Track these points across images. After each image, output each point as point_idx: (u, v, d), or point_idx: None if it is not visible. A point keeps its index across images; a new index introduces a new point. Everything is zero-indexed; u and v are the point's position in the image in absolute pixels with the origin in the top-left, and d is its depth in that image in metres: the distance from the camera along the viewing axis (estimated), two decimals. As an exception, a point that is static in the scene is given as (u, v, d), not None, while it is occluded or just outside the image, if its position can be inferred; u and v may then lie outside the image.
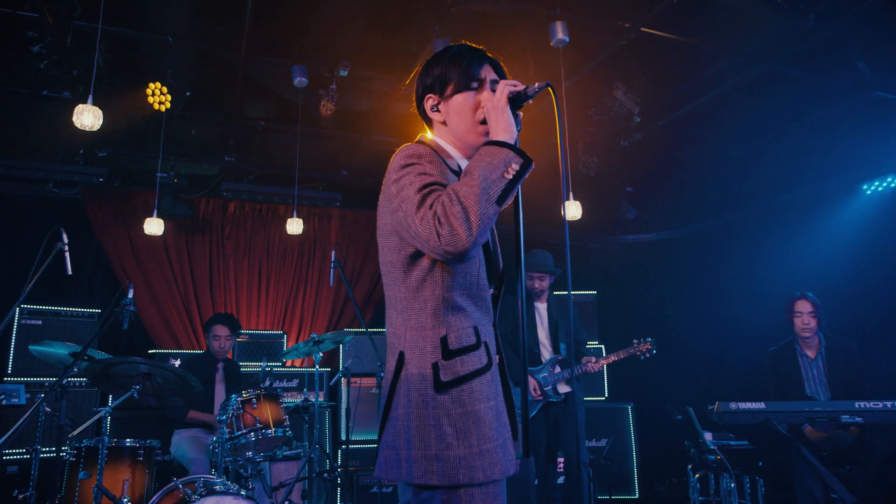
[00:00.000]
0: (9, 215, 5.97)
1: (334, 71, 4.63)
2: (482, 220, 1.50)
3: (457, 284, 1.67)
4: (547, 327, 4.73)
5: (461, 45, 1.89)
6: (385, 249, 1.72)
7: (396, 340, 1.69)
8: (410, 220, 1.54)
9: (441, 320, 1.65)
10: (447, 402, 1.60)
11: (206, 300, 6.63)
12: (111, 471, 3.88)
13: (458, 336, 1.66)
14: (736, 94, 5.11)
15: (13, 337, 4.95)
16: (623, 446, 6.12)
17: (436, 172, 1.62)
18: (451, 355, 1.63)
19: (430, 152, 1.68)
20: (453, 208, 1.49)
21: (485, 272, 1.77)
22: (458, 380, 1.62)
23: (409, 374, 1.63)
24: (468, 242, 1.48)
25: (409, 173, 1.62)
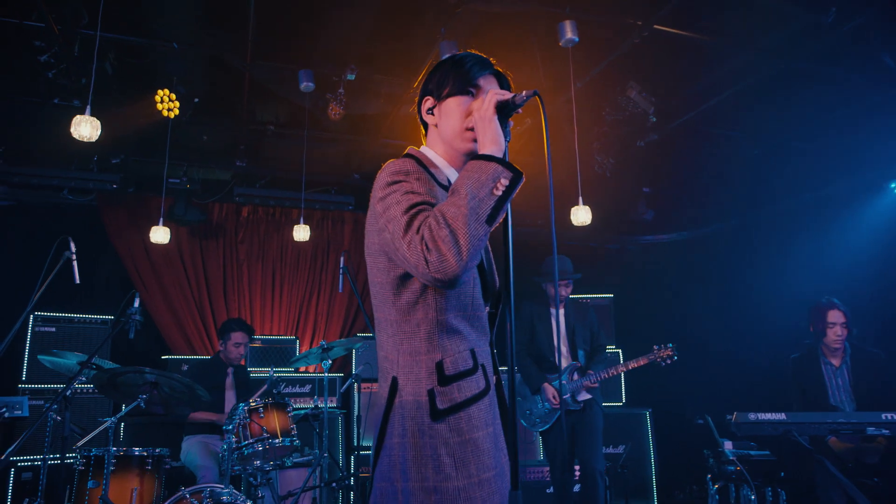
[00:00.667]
0: (26, 223, 6.03)
1: (341, 75, 4.58)
2: (472, 242, 1.41)
3: (451, 306, 1.59)
4: (565, 334, 4.60)
5: (470, 52, 1.81)
6: (374, 270, 1.64)
7: (388, 365, 1.61)
8: (398, 243, 1.47)
9: (436, 344, 1.57)
10: (444, 430, 1.52)
11: (220, 305, 6.64)
12: (120, 480, 3.88)
13: (454, 361, 1.57)
14: (755, 92, 4.95)
15: (27, 344, 4.99)
16: (641, 453, 5.99)
17: (423, 190, 1.54)
18: (448, 381, 1.55)
19: (418, 168, 1.60)
20: (441, 232, 1.40)
21: (480, 291, 1.68)
22: (455, 407, 1.54)
23: (403, 401, 1.55)
24: (458, 268, 1.40)
25: (396, 191, 1.53)
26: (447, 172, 1.74)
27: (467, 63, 1.73)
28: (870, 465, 3.82)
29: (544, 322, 4.61)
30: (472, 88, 1.71)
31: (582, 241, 7.30)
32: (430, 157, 1.75)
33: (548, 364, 4.52)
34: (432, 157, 1.75)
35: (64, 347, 5.06)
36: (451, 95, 1.71)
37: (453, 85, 1.71)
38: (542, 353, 4.55)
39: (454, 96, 1.71)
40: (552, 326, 4.61)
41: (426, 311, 1.57)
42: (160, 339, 6.33)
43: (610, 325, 6.49)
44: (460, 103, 1.71)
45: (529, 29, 4.14)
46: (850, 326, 4.22)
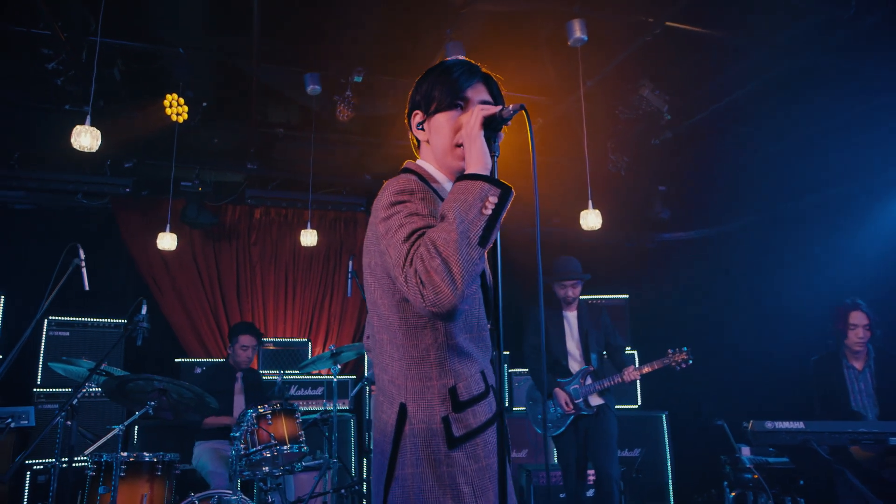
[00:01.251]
0: (44, 226, 6.10)
1: (348, 77, 4.54)
2: (466, 269, 1.35)
3: (458, 328, 1.54)
4: (577, 337, 4.50)
5: (456, 60, 1.75)
6: (377, 290, 1.58)
7: (395, 390, 1.55)
8: (397, 272, 1.41)
9: (447, 369, 1.52)
10: (462, 458, 1.47)
11: (234, 307, 6.66)
12: (130, 485, 3.89)
13: (467, 385, 1.52)
14: (773, 88, 4.81)
15: (41, 349, 5.05)
16: (657, 457, 5.89)
17: (427, 211, 1.48)
18: (462, 407, 1.50)
19: (422, 186, 1.54)
20: (433, 262, 1.34)
21: (483, 309, 1.63)
22: (471, 433, 1.49)
23: (414, 429, 1.49)
24: (455, 298, 1.34)
25: (399, 213, 1.48)
26: (447, 187, 1.68)
27: (454, 73, 1.66)
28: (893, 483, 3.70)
29: (556, 325, 4.53)
30: (461, 101, 1.65)
31: (598, 238, 7.17)
32: (429, 171, 1.70)
33: (560, 368, 4.45)
34: (432, 172, 1.70)
35: (78, 352, 5.11)
36: (440, 111, 1.66)
37: (441, 99, 1.65)
38: (553, 356, 4.47)
39: (442, 111, 1.65)
40: (564, 329, 4.54)
41: (435, 334, 1.52)
42: (175, 341, 6.36)
43: (625, 326, 6.38)
44: (449, 118, 1.65)
45: (537, 28, 4.06)
46: (874, 329, 4.09)
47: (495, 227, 1.41)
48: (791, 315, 5.83)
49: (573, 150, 5.63)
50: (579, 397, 4.29)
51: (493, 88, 1.74)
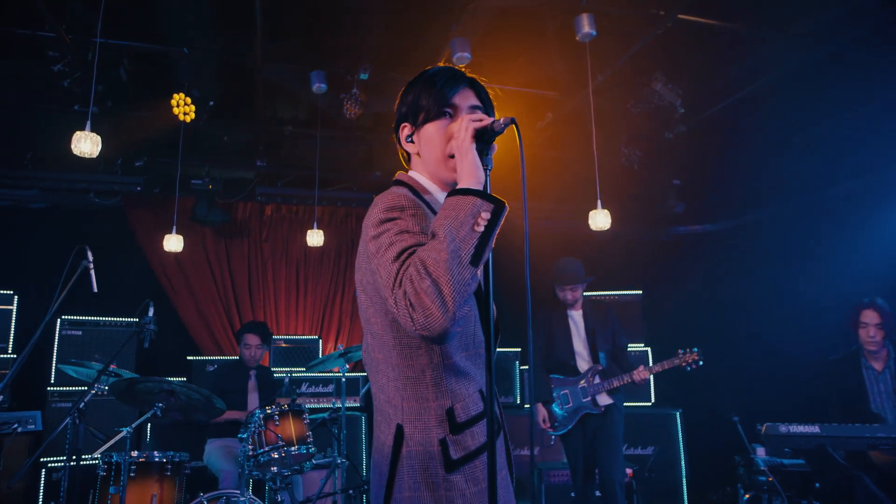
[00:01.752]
0: (58, 224, 6.14)
1: (354, 74, 4.49)
2: (457, 290, 1.29)
3: (455, 347, 1.49)
4: (584, 337, 4.46)
5: (440, 67, 1.69)
6: (370, 309, 1.54)
7: (392, 410, 1.51)
8: (387, 293, 1.36)
9: (444, 390, 1.47)
10: (460, 481, 1.43)
11: (246, 305, 6.68)
12: (139, 485, 3.91)
13: (464, 406, 1.48)
14: (792, 79, 4.67)
15: (54, 348, 5.10)
16: (671, 455, 5.81)
17: (418, 229, 1.43)
18: (460, 429, 1.46)
19: (414, 202, 1.48)
20: (422, 283, 1.29)
21: (480, 327, 1.58)
22: (469, 455, 1.45)
23: (411, 451, 1.45)
24: (445, 322, 1.28)
25: (389, 230, 1.43)
26: (440, 198, 1.63)
27: (438, 81, 1.60)
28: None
29: (561, 325, 4.49)
30: (449, 109, 1.59)
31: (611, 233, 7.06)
32: (422, 183, 1.64)
33: (568, 368, 4.39)
34: (424, 184, 1.64)
35: (91, 351, 5.16)
36: (428, 121, 1.60)
37: (428, 109, 1.59)
38: (561, 357, 4.42)
39: (431, 122, 1.59)
40: (570, 329, 4.48)
41: (430, 354, 1.47)
42: (189, 338, 6.40)
43: (639, 322, 6.28)
44: (438, 128, 1.59)
45: (545, 23, 3.97)
46: (888, 328, 3.98)
47: (488, 245, 1.36)
48: (809, 311, 5.70)
49: (585, 145, 5.53)
50: (587, 396, 4.24)
51: (481, 92, 1.68)
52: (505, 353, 6.33)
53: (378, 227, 1.45)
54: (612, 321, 4.54)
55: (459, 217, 1.35)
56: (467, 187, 1.40)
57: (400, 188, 1.58)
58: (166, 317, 6.36)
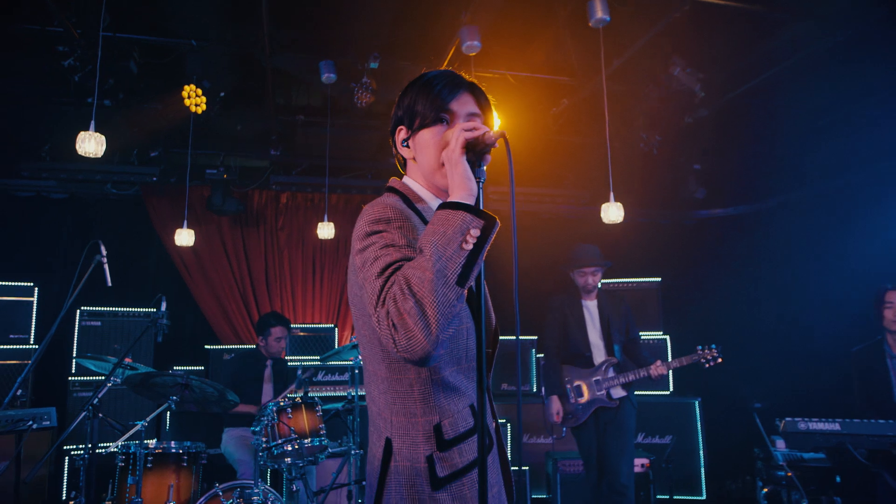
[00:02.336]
0: (79, 215, 6.21)
1: (364, 63, 4.42)
2: (442, 311, 1.24)
3: (445, 362, 1.45)
4: (599, 327, 4.37)
5: (439, 71, 1.63)
6: (359, 321, 1.52)
7: (382, 423, 1.49)
8: (371, 310, 1.33)
9: (432, 405, 1.44)
10: (446, 499, 1.41)
11: (263, 293, 6.72)
12: (157, 475, 3.99)
13: (452, 422, 1.45)
14: (815, 62, 4.49)
15: (75, 338, 5.18)
16: (689, 444, 5.74)
17: (403, 242, 1.38)
18: (447, 446, 1.43)
19: (400, 213, 1.44)
20: (406, 304, 1.24)
21: (474, 340, 1.53)
22: (456, 473, 1.42)
23: (398, 466, 1.44)
24: (428, 345, 1.24)
25: (375, 244, 1.39)
26: (434, 206, 1.58)
27: (436, 85, 1.55)
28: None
29: (576, 315, 4.40)
30: (445, 115, 1.53)
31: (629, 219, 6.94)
32: (415, 190, 1.60)
33: (583, 359, 4.32)
34: (418, 191, 1.60)
35: (110, 341, 5.24)
36: (424, 127, 1.54)
37: (424, 114, 1.54)
38: (576, 348, 4.35)
39: (427, 128, 1.54)
40: (585, 319, 4.40)
41: (418, 369, 1.44)
42: (207, 326, 6.46)
43: (657, 310, 6.18)
44: (434, 134, 1.53)
45: (557, 8, 3.85)
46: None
47: (477, 263, 1.30)
48: (832, 298, 5.56)
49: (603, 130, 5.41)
50: (602, 389, 4.19)
51: (481, 99, 1.61)
52: (522, 341, 6.29)
53: (364, 241, 1.41)
54: (627, 312, 4.45)
55: (447, 234, 1.29)
56: (458, 201, 1.35)
57: (390, 197, 1.54)
58: (185, 305, 6.44)
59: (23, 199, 6.09)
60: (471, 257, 1.29)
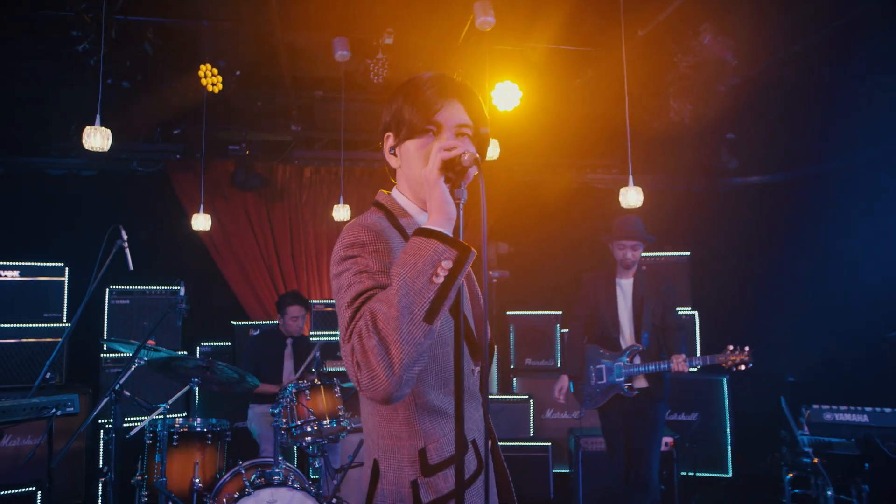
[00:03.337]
0: (110, 191, 6.29)
1: (379, 40, 4.31)
2: (406, 350, 1.19)
3: (429, 385, 1.41)
4: (630, 308, 4.12)
5: (430, 75, 1.52)
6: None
7: (371, 444, 1.48)
8: (341, 342, 1.28)
9: (416, 430, 1.40)
10: None
11: (289, 267, 6.77)
12: (183, 453, 4.12)
13: (438, 447, 1.41)
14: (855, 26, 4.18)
15: (105, 317, 5.33)
16: (716, 421, 5.65)
17: (378, 268, 1.33)
18: (432, 471, 1.40)
19: (376, 236, 1.38)
20: (370, 342, 1.19)
21: (465, 354, 1.48)
22: (441, 499, 1.39)
23: (385, 489, 1.42)
24: (390, 386, 1.19)
25: (348, 270, 1.34)
26: (421, 220, 1.51)
27: (425, 91, 1.46)
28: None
29: (608, 293, 4.17)
30: (432, 125, 1.45)
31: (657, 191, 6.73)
32: (401, 204, 1.54)
33: (609, 342, 4.13)
34: (404, 205, 1.53)
35: (139, 318, 5.38)
36: (409, 137, 1.47)
37: (410, 124, 1.45)
38: (603, 328, 4.15)
39: (412, 138, 1.46)
40: (617, 298, 4.16)
41: None
42: (236, 302, 6.55)
43: (685, 286, 6.01)
44: (419, 146, 1.46)
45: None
46: None
47: (447, 297, 1.23)
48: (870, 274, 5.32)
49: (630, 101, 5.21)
50: (622, 376, 4.04)
51: (472, 104, 1.52)
52: (546, 315, 6.23)
53: (338, 266, 1.37)
54: (666, 295, 4.13)
55: (417, 265, 1.23)
56: (433, 228, 1.28)
57: (372, 214, 1.49)
58: (213, 280, 6.54)
59: (54, 178, 6.20)
60: (441, 291, 1.22)
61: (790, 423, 3.95)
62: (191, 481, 4.02)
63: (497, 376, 6.12)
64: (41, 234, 5.76)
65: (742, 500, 5.41)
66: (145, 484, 4.01)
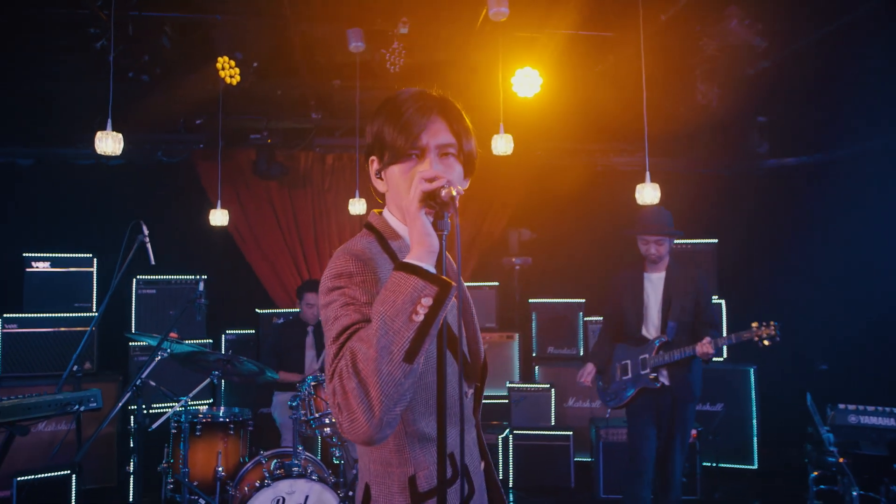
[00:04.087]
0: (137, 180, 6.38)
1: (394, 29, 4.25)
2: (386, 391, 1.16)
3: (420, 413, 1.39)
4: (660, 304, 3.95)
5: (409, 93, 1.46)
6: None
7: (363, 468, 1.48)
8: (326, 379, 1.28)
9: (406, 457, 1.39)
10: None
11: (313, 255, 6.82)
12: (207, 442, 4.23)
13: (428, 475, 1.40)
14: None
15: (132, 306, 5.47)
16: (742, 412, 5.56)
17: (365, 298, 1.31)
18: (422, 498, 1.39)
19: (364, 266, 1.35)
20: (350, 384, 1.17)
21: (455, 381, 1.45)
22: None
23: None
24: (370, 429, 1.17)
25: (335, 302, 1.32)
26: (408, 241, 1.49)
27: (405, 112, 1.40)
28: None
29: (635, 289, 4.00)
30: (415, 150, 1.40)
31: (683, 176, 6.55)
32: (393, 226, 1.51)
33: (636, 338, 4.00)
34: (395, 226, 1.50)
35: (165, 307, 5.51)
36: (393, 162, 1.42)
37: (392, 147, 1.41)
38: (630, 326, 4.01)
39: (396, 163, 1.42)
40: (644, 292, 4.00)
41: None
42: (262, 289, 6.64)
43: (712, 274, 5.86)
44: (404, 171, 1.41)
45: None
46: None
47: (428, 335, 1.20)
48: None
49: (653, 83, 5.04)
50: (646, 368, 3.95)
51: (456, 120, 1.46)
52: (569, 303, 6.16)
53: (326, 296, 1.35)
54: (700, 289, 3.93)
55: (397, 303, 1.20)
56: (414, 262, 1.24)
57: (362, 239, 1.47)
58: (239, 268, 6.63)
59: (83, 169, 6.31)
60: (422, 329, 1.19)
61: (815, 419, 3.84)
62: (214, 470, 4.13)
63: (518, 364, 6.10)
64: (70, 225, 5.90)
65: (767, 493, 5.33)
66: (171, 471, 4.14)
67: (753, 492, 5.34)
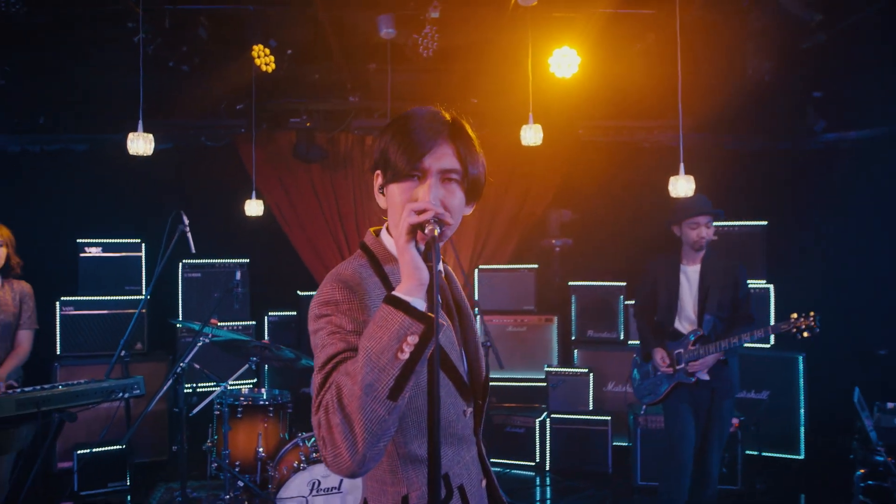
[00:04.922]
0: (183, 164, 6.55)
1: (425, 13, 4.18)
2: (369, 429, 1.16)
3: (412, 434, 1.40)
4: (696, 297, 3.85)
5: (421, 113, 1.43)
6: None
7: (362, 483, 1.51)
8: (312, 409, 1.27)
9: (400, 477, 1.41)
10: None
11: (354, 236, 6.89)
12: (248, 424, 4.38)
13: (421, 496, 1.41)
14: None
15: (179, 290, 5.68)
16: (788, 401, 5.38)
17: (352, 327, 1.30)
18: None
19: (351, 293, 1.34)
20: (334, 418, 1.18)
21: (451, 404, 1.46)
22: None
23: None
24: (353, 465, 1.18)
25: (322, 330, 1.32)
26: None
27: (413, 130, 1.37)
28: None
29: (671, 283, 3.90)
30: (417, 171, 1.38)
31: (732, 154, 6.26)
32: (388, 247, 1.50)
33: (670, 332, 3.90)
34: (391, 248, 1.49)
35: (210, 290, 5.70)
36: (393, 181, 1.40)
37: (395, 166, 1.38)
38: (663, 320, 3.93)
39: (396, 182, 1.39)
40: (680, 285, 3.89)
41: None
42: (305, 270, 6.76)
43: (760, 257, 5.64)
44: (403, 191, 1.38)
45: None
46: None
47: (413, 372, 1.19)
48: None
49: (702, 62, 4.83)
50: (681, 363, 3.86)
51: (464, 145, 1.43)
52: (609, 286, 6.06)
53: (314, 324, 1.35)
54: (738, 282, 3.82)
55: (383, 340, 1.19)
56: (403, 297, 1.23)
57: (354, 261, 1.46)
58: (283, 250, 6.77)
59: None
60: (407, 366, 1.18)
61: (860, 415, 3.68)
62: (255, 450, 4.30)
63: (557, 348, 6.06)
64: (120, 210, 6.11)
65: (812, 485, 5.16)
66: (215, 451, 4.33)
67: (797, 483, 5.17)
